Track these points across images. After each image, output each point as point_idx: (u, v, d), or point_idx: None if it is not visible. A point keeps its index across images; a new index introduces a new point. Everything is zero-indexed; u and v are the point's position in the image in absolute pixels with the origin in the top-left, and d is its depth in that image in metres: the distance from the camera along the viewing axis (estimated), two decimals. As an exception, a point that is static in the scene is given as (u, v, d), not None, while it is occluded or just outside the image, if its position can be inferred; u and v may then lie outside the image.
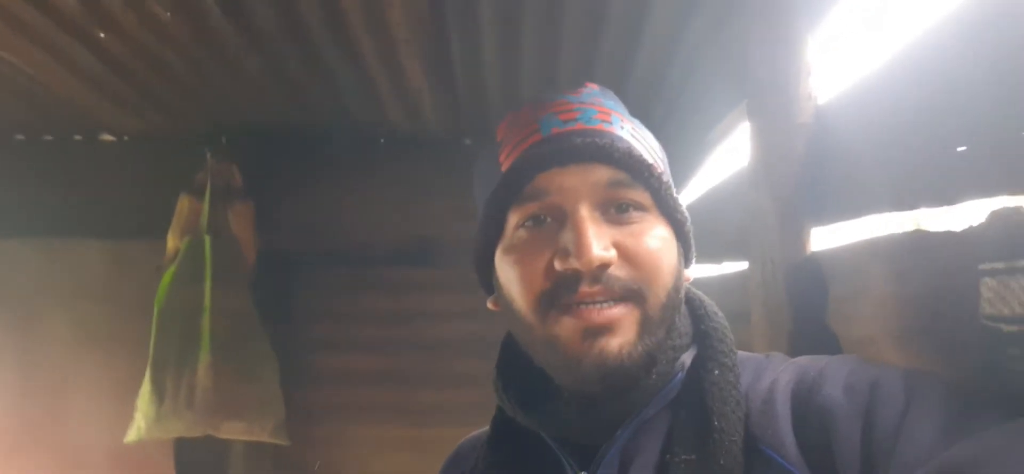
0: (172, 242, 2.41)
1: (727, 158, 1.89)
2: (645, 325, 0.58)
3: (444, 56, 1.92)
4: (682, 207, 0.64)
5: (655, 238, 0.60)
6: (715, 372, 0.60)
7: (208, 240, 2.38)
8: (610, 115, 0.65)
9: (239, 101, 2.29)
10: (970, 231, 0.66)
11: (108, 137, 2.70)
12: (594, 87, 0.69)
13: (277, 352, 2.43)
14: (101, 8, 1.66)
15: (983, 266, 0.59)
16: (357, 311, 2.69)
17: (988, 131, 0.67)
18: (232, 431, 2.31)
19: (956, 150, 0.71)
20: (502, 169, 0.64)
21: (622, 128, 0.65)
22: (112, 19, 1.71)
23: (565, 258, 0.57)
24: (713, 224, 1.60)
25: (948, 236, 0.71)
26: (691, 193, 2.13)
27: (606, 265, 0.57)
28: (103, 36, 1.80)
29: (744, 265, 1.34)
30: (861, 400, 0.52)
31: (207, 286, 2.34)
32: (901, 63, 0.84)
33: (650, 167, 0.61)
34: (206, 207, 2.42)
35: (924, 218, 0.82)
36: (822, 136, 1.06)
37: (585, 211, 0.59)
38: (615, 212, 0.60)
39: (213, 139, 2.51)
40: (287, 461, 2.57)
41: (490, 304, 0.69)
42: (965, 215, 0.69)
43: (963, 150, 0.70)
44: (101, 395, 2.49)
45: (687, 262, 0.66)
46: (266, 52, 1.89)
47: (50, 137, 2.69)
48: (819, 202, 1.06)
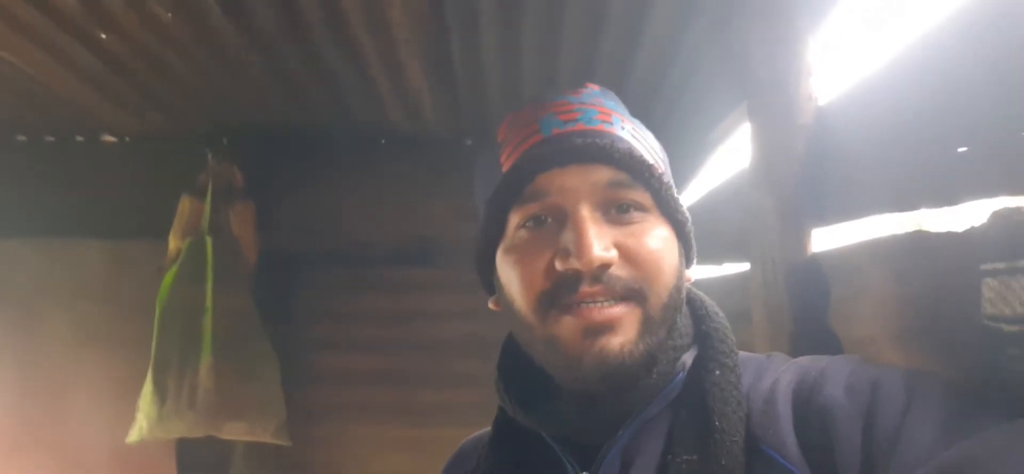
0: (173, 243, 2.42)
1: (728, 158, 1.89)
2: (646, 324, 0.58)
3: (444, 56, 1.92)
4: (683, 207, 0.64)
5: (656, 238, 0.60)
6: (716, 372, 0.60)
7: (209, 240, 2.38)
8: (611, 115, 0.65)
9: (240, 101, 2.29)
10: (971, 231, 0.66)
11: (109, 138, 2.70)
12: (594, 87, 0.69)
13: (278, 352, 2.43)
14: (102, 8, 1.66)
15: (984, 266, 0.59)
16: (357, 311, 2.69)
17: (989, 131, 0.67)
18: (234, 431, 2.31)
19: (957, 151, 0.71)
20: (503, 169, 0.65)
21: (623, 128, 0.65)
22: (113, 19, 1.71)
23: (566, 258, 0.57)
24: (714, 225, 1.60)
25: (949, 236, 0.71)
26: (692, 194, 2.13)
27: (607, 265, 0.57)
28: (104, 36, 1.80)
29: (745, 266, 1.34)
30: (862, 400, 0.52)
31: (208, 286, 2.34)
32: (902, 64, 0.84)
33: (651, 167, 0.61)
34: (207, 208, 2.42)
35: (925, 218, 0.82)
36: (823, 136, 1.06)
37: (586, 211, 0.59)
38: (616, 212, 0.60)
39: (214, 139, 2.51)
40: (288, 461, 2.57)
41: (491, 304, 0.69)
42: (966, 215, 0.69)
43: (964, 150, 0.70)
44: (102, 395, 2.49)
45: (688, 262, 0.66)
46: (267, 52, 1.89)
47: (51, 137, 2.69)
48: (820, 203, 1.06)
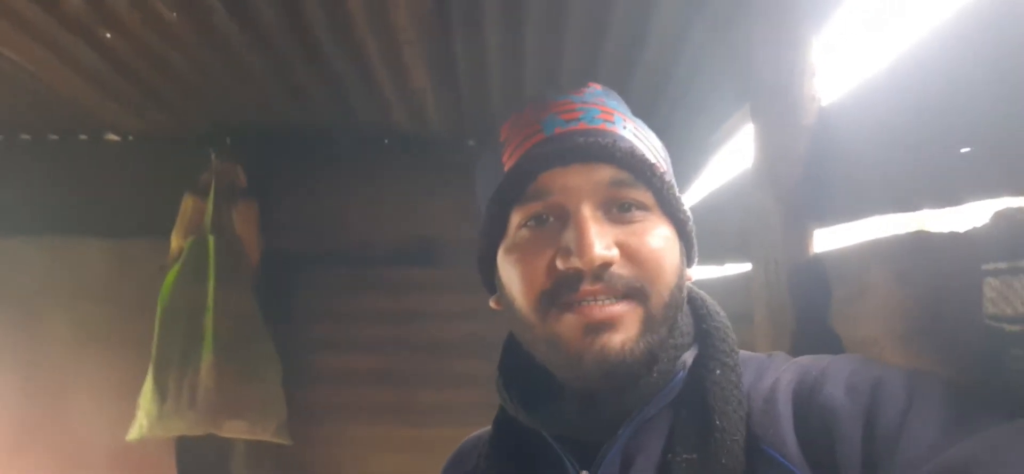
0: (176, 241, 2.42)
1: (731, 159, 1.89)
2: (647, 323, 0.58)
3: (448, 57, 1.92)
4: (684, 206, 0.64)
5: (657, 237, 0.60)
6: (717, 371, 0.60)
7: (212, 240, 2.39)
8: (613, 115, 0.65)
9: (243, 101, 2.29)
10: (973, 232, 0.66)
11: (112, 136, 2.71)
12: (597, 87, 0.69)
13: (279, 351, 2.44)
14: (106, 7, 1.67)
15: (986, 266, 0.59)
16: (358, 311, 2.69)
17: (991, 132, 0.67)
18: (234, 430, 2.31)
19: (959, 151, 0.71)
20: (505, 169, 0.65)
21: (624, 128, 0.65)
22: (117, 18, 1.72)
23: (567, 257, 0.57)
24: (717, 225, 1.60)
25: (951, 237, 0.71)
26: (695, 194, 2.13)
27: (608, 264, 0.57)
28: (108, 36, 1.80)
29: (747, 266, 1.34)
30: (863, 399, 0.52)
31: (210, 286, 2.34)
32: (904, 65, 0.84)
33: (652, 166, 0.61)
34: (210, 207, 2.42)
35: (927, 219, 0.82)
36: (825, 137, 1.06)
37: (587, 210, 0.59)
38: (618, 211, 0.60)
39: (217, 139, 2.52)
40: (289, 461, 2.57)
41: (492, 303, 0.69)
42: (968, 216, 0.69)
43: (966, 151, 0.70)
44: (103, 394, 2.50)
45: (689, 261, 0.66)
46: (270, 52, 1.90)
47: (54, 136, 2.70)
48: (822, 203, 1.06)
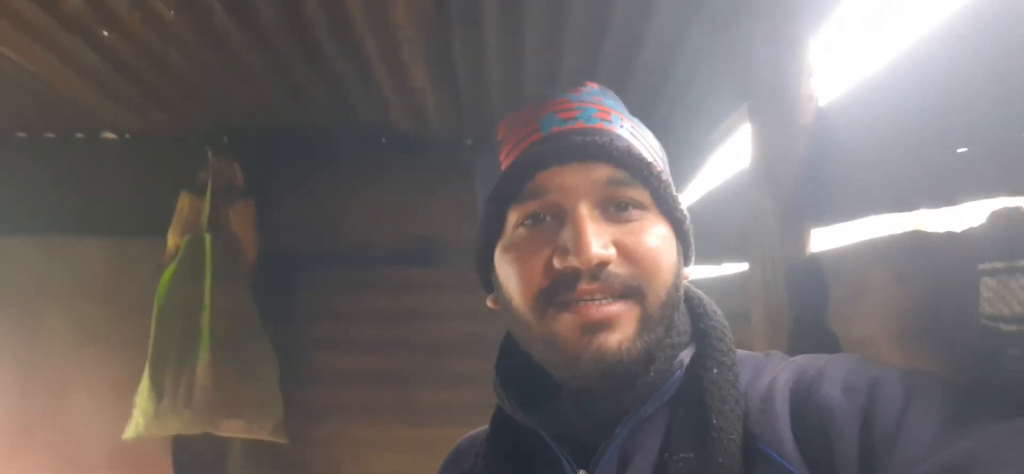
0: (172, 240, 2.42)
1: (728, 159, 1.89)
2: (644, 322, 0.58)
3: (447, 56, 1.92)
4: (681, 205, 0.64)
5: (655, 236, 0.60)
6: (714, 370, 0.60)
7: (208, 238, 2.38)
8: (610, 114, 0.65)
9: (241, 100, 2.29)
10: (970, 231, 0.66)
11: (110, 135, 2.70)
12: (594, 86, 0.69)
13: (277, 351, 2.43)
14: (104, 6, 1.66)
15: (983, 266, 0.59)
16: (358, 311, 2.69)
17: (988, 132, 0.67)
18: (231, 429, 2.31)
19: (956, 151, 0.71)
20: (502, 168, 0.65)
21: (622, 127, 0.65)
22: (115, 17, 1.71)
23: (564, 256, 0.57)
24: (714, 225, 1.60)
25: (948, 236, 0.71)
26: (693, 194, 2.13)
27: (605, 263, 0.57)
28: (106, 34, 1.80)
29: (745, 266, 1.34)
30: (860, 399, 0.52)
31: (207, 284, 2.34)
32: (902, 65, 0.84)
33: (649, 165, 0.61)
34: (207, 205, 2.42)
35: (924, 219, 0.82)
36: (823, 137, 1.06)
37: (584, 209, 0.59)
38: (615, 210, 0.60)
39: (214, 138, 2.52)
40: (287, 461, 2.57)
41: (490, 302, 0.69)
42: (965, 215, 0.69)
43: (963, 151, 0.70)
44: (101, 393, 2.49)
45: (686, 260, 0.66)
46: (269, 51, 1.90)
47: (52, 135, 2.69)
48: (820, 203, 1.06)
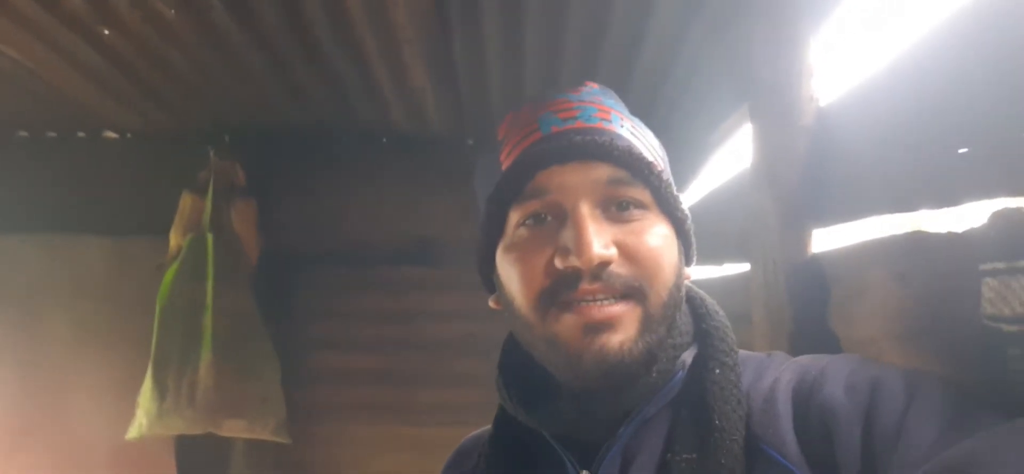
0: (174, 240, 2.42)
1: (729, 159, 1.89)
2: (646, 322, 0.58)
3: (447, 56, 1.92)
4: (682, 205, 0.64)
5: (656, 236, 0.60)
6: (716, 371, 0.60)
7: (210, 238, 2.38)
8: (610, 113, 0.65)
9: (242, 100, 2.29)
10: (971, 232, 0.66)
11: (111, 134, 2.70)
12: (594, 86, 0.69)
13: (278, 351, 2.44)
14: (106, 5, 1.66)
15: (984, 266, 0.59)
16: (358, 310, 2.69)
17: (989, 132, 0.67)
18: (233, 429, 2.31)
19: (957, 151, 0.71)
20: (503, 168, 0.65)
21: (622, 126, 0.65)
22: (116, 16, 1.72)
23: (565, 256, 0.57)
24: (715, 225, 1.60)
25: (949, 237, 0.71)
26: (693, 194, 2.13)
27: (606, 263, 0.57)
28: (107, 33, 1.80)
29: (746, 266, 1.34)
30: (862, 399, 0.52)
31: (209, 284, 2.34)
32: (903, 65, 0.84)
33: (650, 165, 0.61)
34: (209, 205, 2.42)
35: (925, 219, 0.82)
36: (824, 138, 1.06)
37: (585, 209, 0.59)
38: (616, 210, 0.60)
39: (216, 137, 2.52)
40: (288, 460, 2.57)
41: (491, 302, 0.69)
42: (966, 216, 0.69)
43: (964, 151, 0.70)
44: (102, 392, 2.49)
45: (688, 260, 0.66)
46: (270, 51, 1.90)
47: (53, 134, 2.70)
48: (821, 203, 1.06)
